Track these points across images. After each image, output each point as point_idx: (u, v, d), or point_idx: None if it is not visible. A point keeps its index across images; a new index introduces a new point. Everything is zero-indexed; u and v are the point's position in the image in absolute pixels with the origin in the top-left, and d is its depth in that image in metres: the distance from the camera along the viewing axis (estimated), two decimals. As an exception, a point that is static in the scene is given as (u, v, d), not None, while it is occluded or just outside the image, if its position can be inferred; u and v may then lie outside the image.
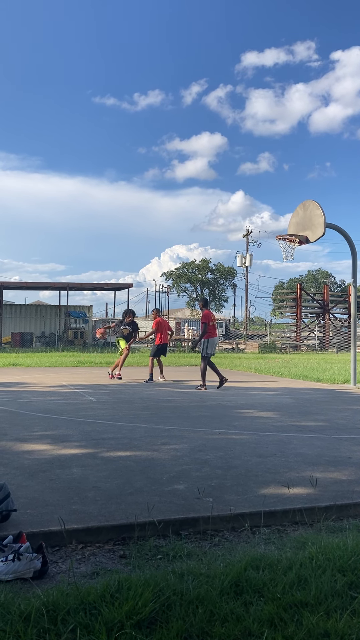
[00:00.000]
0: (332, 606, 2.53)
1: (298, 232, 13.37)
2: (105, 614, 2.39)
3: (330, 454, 5.65)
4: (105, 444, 5.96)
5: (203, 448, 5.82)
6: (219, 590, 2.63)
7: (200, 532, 3.57)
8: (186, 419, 7.78)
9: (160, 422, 7.45)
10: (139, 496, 4.09)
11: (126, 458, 5.33)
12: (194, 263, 69.55)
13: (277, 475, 4.76)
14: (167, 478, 4.61)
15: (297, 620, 2.41)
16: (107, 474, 4.71)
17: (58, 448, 5.77)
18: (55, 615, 2.39)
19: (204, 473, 4.79)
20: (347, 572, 2.85)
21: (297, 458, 5.42)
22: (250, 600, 2.58)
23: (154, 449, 5.77)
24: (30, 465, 5.00)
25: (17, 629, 2.29)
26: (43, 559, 2.93)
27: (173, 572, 2.84)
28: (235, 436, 6.56)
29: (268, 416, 8.23)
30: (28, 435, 6.46)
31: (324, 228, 12.60)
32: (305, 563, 2.94)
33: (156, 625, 2.37)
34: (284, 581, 2.73)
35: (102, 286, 43.65)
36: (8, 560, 2.90)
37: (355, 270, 13.31)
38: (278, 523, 3.76)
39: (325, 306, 45.44)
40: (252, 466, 5.06)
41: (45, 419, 7.67)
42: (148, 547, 3.29)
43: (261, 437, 6.48)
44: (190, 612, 2.44)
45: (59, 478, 4.59)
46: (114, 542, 3.40)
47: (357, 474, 4.85)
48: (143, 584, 2.62)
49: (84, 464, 5.06)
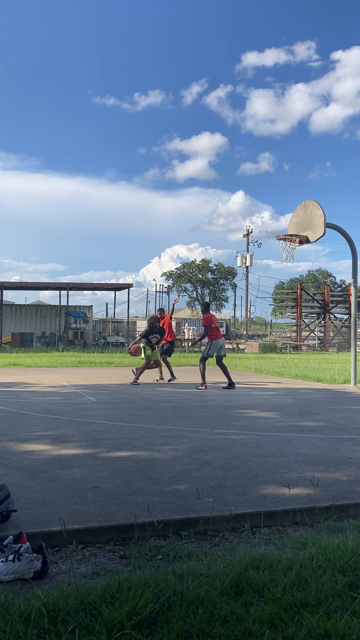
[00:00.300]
0: (332, 607, 2.53)
1: (298, 232, 13.36)
2: (106, 614, 2.39)
3: (330, 454, 5.65)
4: (105, 444, 5.96)
5: (203, 448, 5.82)
6: (219, 590, 2.63)
7: (201, 532, 3.57)
8: (186, 419, 7.78)
9: (161, 422, 7.45)
10: (139, 496, 4.09)
11: (126, 458, 5.33)
12: (194, 263, 69.49)
13: (278, 475, 4.76)
14: (168, 478, 4.61)
15: (297, 620, 2.41)
16: (107, 474, 4.70)
17: (58, 448, 5.77)
18: (55, 615, 2.39)
19: (204, 473, 4.79)
20: (348, 573, 2.85)
21: (298, 458, 5.42)
22: (251, 601, 2.57)
23: (154, 449, 5.77)
24: (30, 466, 5.00)
25: (17, 630, 2.29)
26: (43, 559, 2.93)
27: (173, 572, 2.83)
28: (235, 436, 6.56)
29: (268, 416, 8.23)
30: (28, 436, 6.46)
31: (324, 228, 12.59)
32: (306, 563, 2.94)
33: (156, 625, 2.37)
34: (284, 582, 2.73)
35: (102, 286, 43.68)
36: (8, 561, 2.90)
37: (356, 270, 13.31)
38: (278, 523, 3.75)
39: (326, 306, 45.44)
40: (252, 466, 5.06)
41: (46, 419, 7.67)
42: (148, 547, 3.29)
43: (261, 438, 6.48)
44: (190, 613, 2.44)
45: (59, 478, 4.58)
46: (114, 542, 3.40)
47: (357, 474, 4.85)
48: (143, 585, 2.62)
49: (84, 464, 5.06)
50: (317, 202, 12.93)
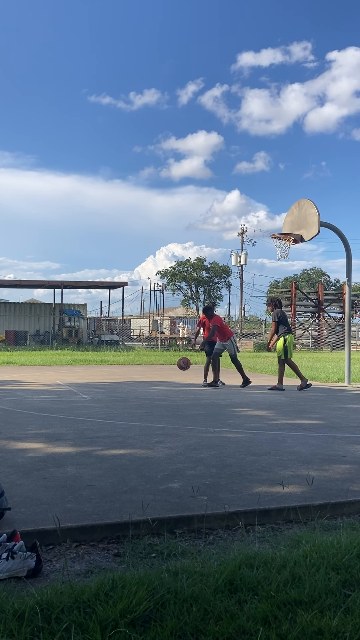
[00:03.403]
0: (325, 604, 2.54)
1: (293, 231, 13.38)
2: (100, 612, 2.39)
3: (324, 452, 5.66)
4: (99, 443, 5.95)
5: (197, 446, 5.82)
6: (213, 588, 2.64)
7: (195, 530, 3.57)
8: (181, 418, 7.78)
9: (155, 421, 7.45)
10: (134, 495, 4.09)
11: (121, 456, 5.33)
12: (189, 261, 69.52)
13: (272, 473, 4.77)
14: (162, 476, 4.61)
15: (291, 618, 2.42)
16: (101, 473, 4.70)
17: (52, 446, 5.76)
18: (49, 613, 2.39)
19: (198, 471, 4.79)
20: (341, 570, 2.86)
21: (292, 456, 5.43)
22: (245, 599, 2.58)
23: (148, 447, 5.77)
24: (24, 464, 4.99)
25: (10, 628, 2.28)
26: (37, 557, 2.92)
27: (167, 570, 2.84)
28: (229, 435, 6.57)
29: (262, 415, 8.24)
30: (22, 434, 6.45)
31: (319, 227, 12.62)
32: (299, 561, 2.95)
33: (150, 623, 2.37)
34: (278, 579, 2.73)
35: (96, 284, 43.64)
36: (2, 559, 2.89)
37: (350, 269, 13.34)
38: (272, 521, 3.76)
39: (320, 305, 45.53)
40: (246, 464, 5.07)
41: (40, 417, 7.66)
42: (142, 545, 3.29)
43: (255, 436, 6.49)
44: (184, 611, 2.45)
45: (53, 476, 4.58)
46: (108, 540, 3.40)
47: (351, 472, 4.87)
48: (137, 583, 2.62)
49: (78, 463, 5.05)
50: (312, 201, 12.95)
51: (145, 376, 13.98)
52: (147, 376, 13.96)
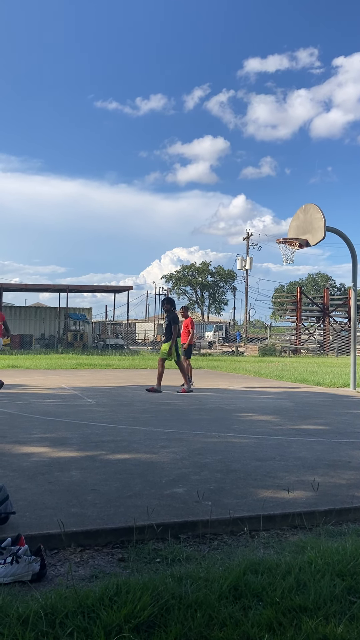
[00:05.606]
0: (331, 611, 2.52)
1: (298, 236, 13.38)
2: (104, 617, 2.38)
3: (329, 458, 5.64)
4: (104, 447, 5.95)
5: (202, 451, 5.81)
6: (217, 594, 2.63)
7: (199, 535, 3.56)
8: (185, 422, 7.77)
9: (160, 425, 7.44)
10: (138, 499, 4.08)
11: (125, 461, 5.32)
12: (194, 266, 69.60)
13: (277, 479, 4.76)
14: (166, 481, 4.60)
15: (296, 625, 2.41)
16: (106, 477, 4.70)
17: (57, 451, 5.76)
18: (53, 618, 2.39)
19: (203, 476, 4.78)
20: (346, 577, 2.85)
21: (297, 462, 5.41)
22: (249, 605, 2.57)
23: (153, 452, 5.76)
24: (29, 468, 5.00)
25: (15, 632, 2.28)
26: (41, 561, 2.92)
27: (172, 575, 2.83)
28: (234, 440, 6.56)
29: (267, 420, 8.23)
30: (27, 438, 6.45)
31: (324, 232, 12.61)
32: (304, 567, 2.93)
33: (154, 629, 2.36)
34: (282, 585, 2.72)
35: (102, 288, 43.69)
36: (6, 563, 2.89)
37: (356, 274, 13.32)
38: (277, 527, 3.75)
39: (325, 310, 45.45)
40: (251, 470, 5.06)
41: (45, 421, 7.67)
42: (147, 550, 3.28)
43: (260, 441, 6.47)
44: (188, 616, 2.44)
45: (58, 481, 4.58)
46: (112, 545, 3.40)
47: (356, 478, 4.84)
48: (142, 588, 2.62)
49: (83, 467, 5.05)
50: (318, 206, 12.94)
51: (149, 380, 13.98)
52: (152, 380, 13.95)
